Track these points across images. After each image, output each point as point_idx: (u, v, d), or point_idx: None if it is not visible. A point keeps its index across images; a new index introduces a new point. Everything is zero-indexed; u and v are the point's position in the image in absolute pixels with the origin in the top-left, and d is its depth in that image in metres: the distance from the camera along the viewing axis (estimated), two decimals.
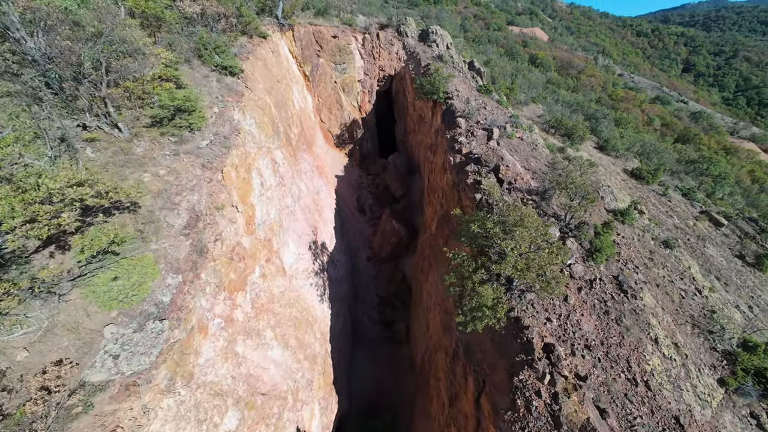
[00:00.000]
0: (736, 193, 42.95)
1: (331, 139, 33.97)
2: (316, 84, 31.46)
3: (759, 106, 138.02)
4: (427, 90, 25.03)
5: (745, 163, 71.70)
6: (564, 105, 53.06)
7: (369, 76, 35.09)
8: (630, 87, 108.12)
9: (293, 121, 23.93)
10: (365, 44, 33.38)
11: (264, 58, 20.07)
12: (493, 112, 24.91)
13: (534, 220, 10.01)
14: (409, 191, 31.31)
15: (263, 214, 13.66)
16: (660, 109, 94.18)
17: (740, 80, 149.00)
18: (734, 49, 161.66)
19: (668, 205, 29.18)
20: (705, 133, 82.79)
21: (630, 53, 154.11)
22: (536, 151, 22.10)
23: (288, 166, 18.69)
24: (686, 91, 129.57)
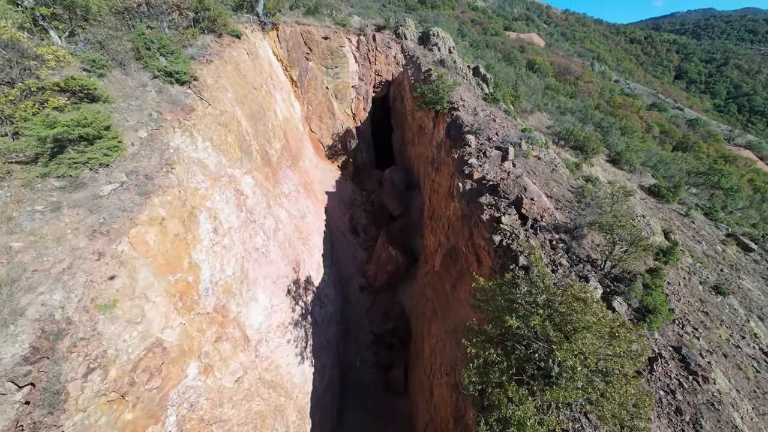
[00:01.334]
0: (748, 206, 39.87)
1: (322, 151, 30.16)
2: (305, 90, 27.63)
3: (750, 113, 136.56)
4: (428, 99, 21.37)
5: (744, 171, 69.04)
6: (572, 114, 49.78)
7: (364, 82, 31.33)
8: (627, 93, 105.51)
9: (275, 134, 20.13)
10: (360, 47, 29.61)
11: (236, 62, 16.25)
12: (504, 126, 21.31)
13: (609, 324, 6.32)
14: (407, 209, 27.62)
15: (215, 273, 9.95)
16: (657, 116, 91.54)
17: (731, 87, 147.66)
18: (725, 57, 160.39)
19: (693, 228, 25.87)
20: (704, 141, 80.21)
21: (624, 60, 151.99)
22: (556, 173, 18.53)
23: (262, 193, 14.93)
24: (679, 97, 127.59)
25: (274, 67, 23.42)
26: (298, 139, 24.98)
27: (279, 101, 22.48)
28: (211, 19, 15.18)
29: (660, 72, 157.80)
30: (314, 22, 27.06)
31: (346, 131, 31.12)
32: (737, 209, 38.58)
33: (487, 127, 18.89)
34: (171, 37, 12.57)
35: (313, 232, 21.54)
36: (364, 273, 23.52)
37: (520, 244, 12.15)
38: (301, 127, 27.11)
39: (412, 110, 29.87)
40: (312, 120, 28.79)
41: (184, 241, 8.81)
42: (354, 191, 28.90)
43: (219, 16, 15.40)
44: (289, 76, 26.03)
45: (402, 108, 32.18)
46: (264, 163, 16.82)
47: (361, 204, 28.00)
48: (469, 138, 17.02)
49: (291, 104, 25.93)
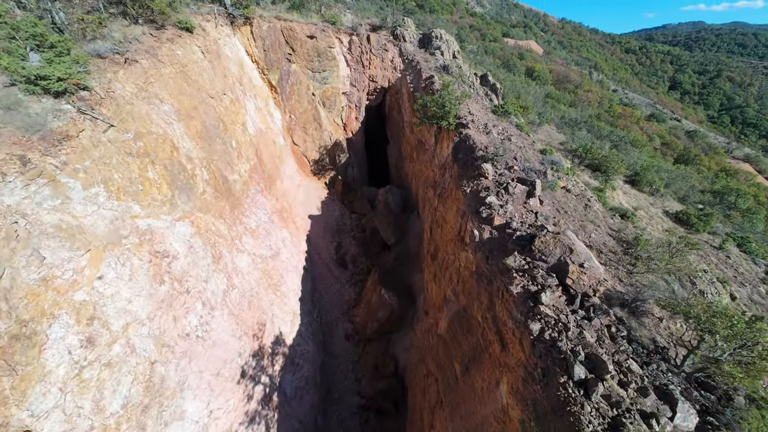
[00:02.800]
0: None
1: (306, 166, 25.97)
2: (287, 97, 23.45)
3: (743, 125, 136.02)
4: (432, 113, 17.41)
5: (746, 186, 66.57)
6: (577, 126, 46.33)
7: (356, 88, 27.28)
8: (625, 103, 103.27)
9: (242, 153, 15.93)
10: (352, 48, 25.55)
11: (182, 63, 12.06)
12: (521, 147, 17.43)
13: None
14: (403, 236, 23.56)
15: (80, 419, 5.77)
16: (657, 127, 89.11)
17: (724, 99, 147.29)
18: (717, 69, 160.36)
19: (730, 265, 22.27)
20: (705, 154, 77.86)
21: (620, 69, 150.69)
22: (590, 210, 14.63)
23: (207, 244, 10.78)
24: (675, 108, 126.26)
25: (247, 70, 19.22)
26: (276, 156, 20.78)
27: (251, 111, 18.27)
28: (142, 4, 10.99)
29: (655, 82, 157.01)
30: (299, 18, 22.94)
31: (335, 144, 27.00)
32: (756, 232, 35.31)
33: (503, 151, 14.94)
34: (65, 23, 8.38)
35: (288, 271, 17.34)
36: (351, 317, 19.40)
37: (571, 339, 8.18)
38: (281, 140, 22.91)
39: (410, 122, 25.89)
40: (295, 131, 24.60)
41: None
42: (342, 214, 24.75)
43: (161, 3, 11.22)
44: (267, 81, 21.84)
45: (399, 119, 28.18)
46: (218, 196, 12.62)
47: (350, 230, 23.85)
48: (485, 168, 13.03)
49: (269, 114, 21.73)
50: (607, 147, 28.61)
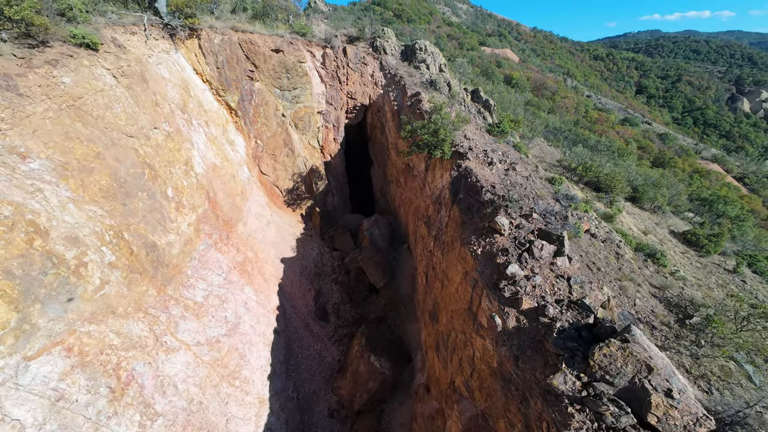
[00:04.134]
0: (761, 237, 35.77)
1: (278, 197, 22.19)
2: (252, 120, 19.72)
3: (704, 126, 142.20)
4: (424, 141, 14.22)
5: (717, 187, 67.70)
6: (562, 135, 44.80)
7: (333, 106, 23.86)
8: (599, 108, 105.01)
9: (183, 202, 12.12)
10: (327, 63, 22.16)
11: (72, 95, 8.30)
12: (529, 178, 14.51)
13: None
14: (394, 276, 20.16)
15: None
16: (632, 131, 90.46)
17: (686, 102, 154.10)
18: (678, 74, 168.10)
19: (748, 291, 20.24)
20: (678, 156, 79.25)
21: (590, 75, 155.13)
22: (622, 260, 11.78)
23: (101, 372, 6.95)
24: (643, 111, 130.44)
25: (195, 93, 15.41)
26: (237, 193, 16.96)
27: (200, 144, 14.46)
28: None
29: (623, 87, 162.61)
30: (262, 29, 19.36)
31: (311, 170, 23.38)
32: (748, 241, 34.16)
33: (516, 194, 11.90)
34: None
35: (253, 345, 13.52)
36: (335, 388, 15.69)
37: None
38: (245, 172, 19.09)
39: (395, 143, 22.69)
40: (263, 159, 20.83)
41: None
42: (322, 253, 21.07)
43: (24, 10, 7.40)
44: (225, 103, 18.06)
45: (383, 139, 24.95)
46: (136, 279, 8.80)
47: (331, 272, 20.19)
48: (500, 224, 9.87)
49: (228, 142, 17.92)
50: (606, 164, 26.46)
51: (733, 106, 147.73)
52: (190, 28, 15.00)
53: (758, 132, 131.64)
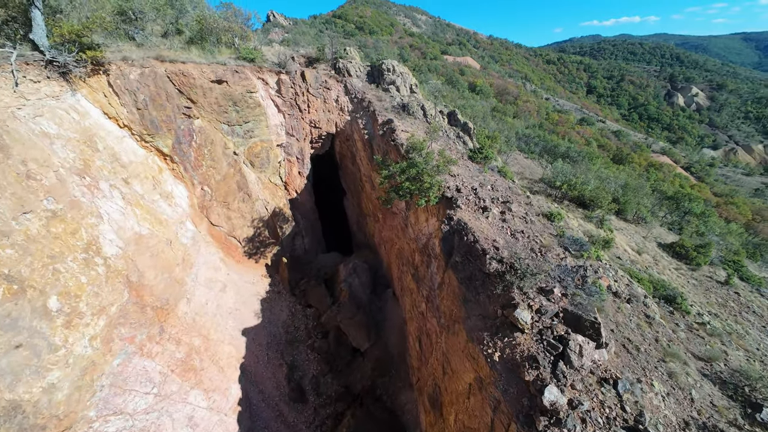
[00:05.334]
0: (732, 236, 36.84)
1: (236, 248, 18.60)
2: (195, 164, 16.15)
3: (648, 120, 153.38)
4: (404, 188, 11.55)
5: (670, 178, 71.65)
6: (532, 141, 44.42)
7: (295, 137, 20.76)
8: (558, 110, 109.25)
9: (80, 310, 8.47)
10: (283, 90, 19.09)
11: None
12: (526, 218, 12.35)
13: None
14: (379, 332, 17.23)
15: None
16: (590, 130, 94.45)
17: (630, 99, 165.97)
18: (621, 74, 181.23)
19: (743, 304, 19.52)
20: (633, 152, 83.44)
21: (546, 78, 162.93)
22: (657, 327, 9.71)
23: None
24: (596, 110, 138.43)
25: (107, 144, 11.78)
26: (177, 262, 13.33)
27: (113, 214, 10.84)
28: None
29: (575, 88, 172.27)
30: (199, 56, 15.97)
31: (274, 213, 20.02)
32: (715, 236, 34.88)
33: (515, 245, 9.52)
34: None
35: None
36: None
37: None
38: (190, 229, 15.44)
39: (369, 175, 20.00)
40: (213, 208, 17.22)
41: None
42: (293, 313, 17.69)
43: None
44: (155, 149, 14.43)
45: (355, 170, 22.16)
46: None
47: (306, 336, 16.85)
48: (522, 319, 7.34)
49: (164, 196, 14.26)
50: (590, 179, 25.44)
51: (670, 101, 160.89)
52: (94, 63, 11.41)
53: (693, 123, 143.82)
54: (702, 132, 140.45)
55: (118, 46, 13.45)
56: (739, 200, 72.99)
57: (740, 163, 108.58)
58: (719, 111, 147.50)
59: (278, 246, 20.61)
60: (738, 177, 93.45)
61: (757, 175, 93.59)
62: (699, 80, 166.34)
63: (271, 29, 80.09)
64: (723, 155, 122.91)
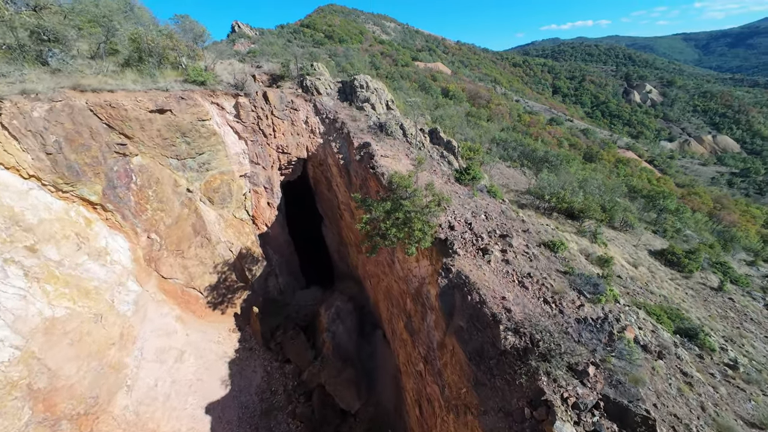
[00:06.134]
0: (700, 226, 37.88)
1: (197, 301, 15.85)
2: (137, 210, 13.42)
3: (610, 117, 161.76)
4: (392, 235, 9.61)
5: (638, 173, 74.72)
6: (509, 146, 44.12)
7: (261, 165, 18.37)
8: (529, 111, 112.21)
9: None
10: (243, 115, 16.72)
11: None
12: (534, 258, 10.76)
13: None
14: (371, 385, 15.04)
15: None
16: (560, 130, 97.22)
17: (592, 98, 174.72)
18: (582, 75, 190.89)
19: (737, 310, 19.19)
20: (602, 149, 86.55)
21: (514, 81, 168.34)
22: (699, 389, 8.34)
23: None
24: (563, 110, 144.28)
25: (2, 203, 8.96)
26: (112, 341, 10.60)
27: (7, 300, 8.06)
28: None
29: (541, 89, 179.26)
30: (134, 83, 13.34)
31: (241, 254, 17.44)
32: (690, 231, 35.63)
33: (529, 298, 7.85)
34: None
35: None
36: None
37: None
38: (133, 290, 12.66)
39: (348, 204, 17.95)
40: (163, 259, 14.46)
41: None
42: (269, 373, 15.13)
43: None
44: (80, 199, 11.63)
45: (331, 196, 20.03)
46: None
47: (285, 402, 14.34)
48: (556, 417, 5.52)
49: (94, 256, 11.49)
50: (576, 186, 24.74)
51: (627, 98, 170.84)
52: None
53: (650, 118, 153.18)
54: (658, 126, 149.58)
55: (20, 75, 10.67)
56: (700, 189, 77.21)
57: (695, 154, 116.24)
58: (671, 106, 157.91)
59: (248, 290, 17.99)
60: (695, 167, 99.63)
61: (711, 165, 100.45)
62: (651, 78, 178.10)
63: (237, 40, 76.42)
64: (678, 147, 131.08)
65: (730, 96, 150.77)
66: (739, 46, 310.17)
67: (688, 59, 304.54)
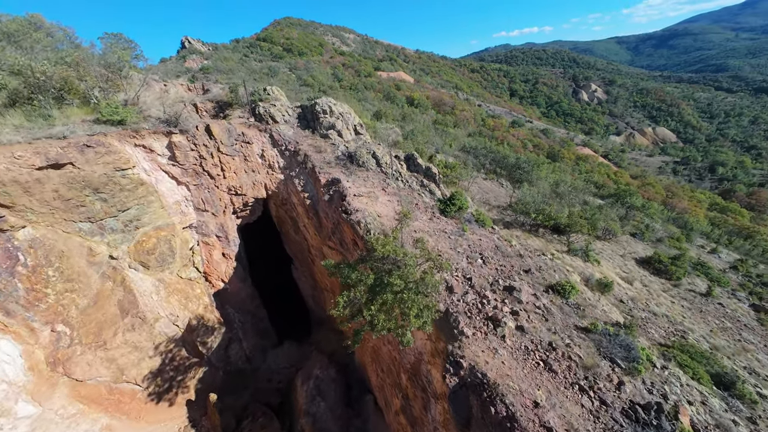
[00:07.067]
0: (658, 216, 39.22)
1: (133, 396, 12.30)
2: (29, 300, 9.87)
3: (564, 116, 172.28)
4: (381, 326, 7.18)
5: (597, 168, 78.77)
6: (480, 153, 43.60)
7: (210, 212, 15.22)
8: (491, 115, 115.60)
9: None
10: (180, 156, 13.60)
11: None
12: (550, 315, 8.89)
13: None
14: None
15: None
16: (523, 132, 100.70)
17: (546, 99, 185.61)
18: (535, 78, 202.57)
19: (728, 316, 18.96)
20: (562, 147, 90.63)
21: (474, 86, 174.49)
22: None
23: None
24: (521, 111, 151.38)
25: None
26: None
27: None
28: None
29: (499, 93, 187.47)
30: (12, 132, 9.91)
31: (190, 327, 14.09)
32: (658, 225, 36.74)
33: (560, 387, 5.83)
34: None
35: None
36: None
37: None
38: (26, 411, 9.10)
39: (320, 248, 15.32)
40: (75, 358, 10.88)
41: None
42: None
43: None
44: None
45: (300, 239, 17.24)
46: None
47: None
48: None
49: None
50: (556, 198, 23.94)
51: (576, 97, 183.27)
52: None
53: (598, 115, 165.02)
54: (606, 121, 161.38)
55: None
56: (652, 180, 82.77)
57: (640, 146, 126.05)
58: (615, 102, 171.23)
59: (204, 366, 14.60)
60: (644, 159, 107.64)
61: (656, 156, 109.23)
62: (595, 78, 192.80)
63: (188, 56, 70.68)
64: (625, 139, 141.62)
65: (662, 91, 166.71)
66: (663, 47, 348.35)
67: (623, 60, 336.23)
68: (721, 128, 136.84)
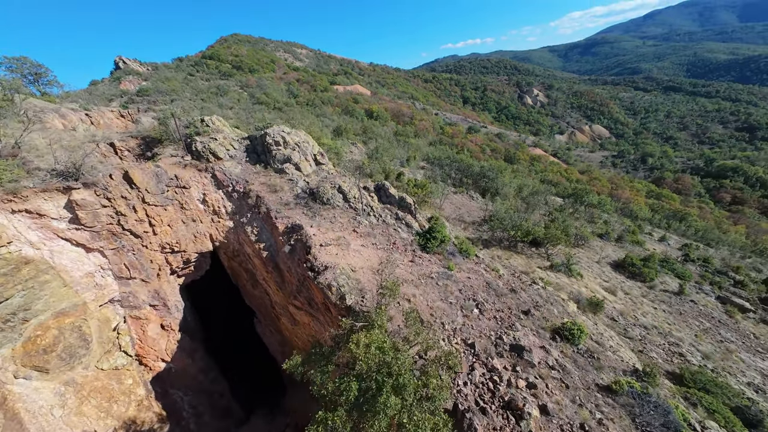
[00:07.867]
0: (608, 208, 41.58)
1: None
2: None
3: (513, 119, 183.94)
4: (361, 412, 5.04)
5: (549, 167, 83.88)
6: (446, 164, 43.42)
7: (138, 278, 11.97)
8: (449, 123, 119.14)
9: None
10: (85, 217, 10.38)
11: None
12: (570, 379, 7.35)
13: None
14: None
15: None
16: (479, 137, 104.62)
17: (496, 104, 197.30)
18: (484, 85, 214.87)
19: (703, 313, 19.47)
20: (517, 150, 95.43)
21: (429, 95, 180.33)
22: None
23: None
24: (475, 117, 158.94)
25: None
26: None
27: None
28: None
29: (453, 101, 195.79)
30: None
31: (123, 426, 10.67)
32: (612, 219, 38.67)
33: None
34: None
35: None
36: None
37: None
38: None
39: (285, 305, 12.74)
40: None
41: None
42: None
43: None
44: None
45: (261, 294, 14.43)
46: None
47: None
48: None
49: None
50: (545, 221, 23.62)
51: (522, 101, 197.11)
52: None
53: (542, 116, 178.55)
54: (550, 122, 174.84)
55: None
56: (597, 174, 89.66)
57: (581, 143, 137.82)
58: (555, 104, 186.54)
59: None
60: (587, 155, 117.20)
61: (597, 151, 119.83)
62: (535, 83, 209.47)
63: (123, 78, 63.04)
64: (567, 138, 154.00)
65: (593, 93, 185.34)
66: (587, 54, 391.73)
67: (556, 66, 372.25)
68: (644, 123, 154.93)
